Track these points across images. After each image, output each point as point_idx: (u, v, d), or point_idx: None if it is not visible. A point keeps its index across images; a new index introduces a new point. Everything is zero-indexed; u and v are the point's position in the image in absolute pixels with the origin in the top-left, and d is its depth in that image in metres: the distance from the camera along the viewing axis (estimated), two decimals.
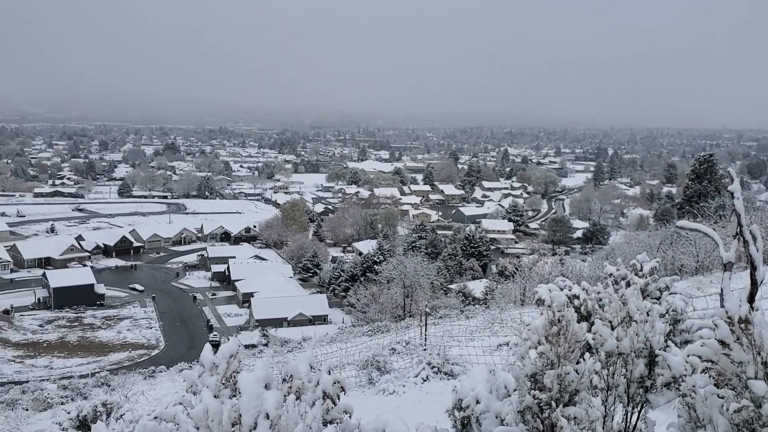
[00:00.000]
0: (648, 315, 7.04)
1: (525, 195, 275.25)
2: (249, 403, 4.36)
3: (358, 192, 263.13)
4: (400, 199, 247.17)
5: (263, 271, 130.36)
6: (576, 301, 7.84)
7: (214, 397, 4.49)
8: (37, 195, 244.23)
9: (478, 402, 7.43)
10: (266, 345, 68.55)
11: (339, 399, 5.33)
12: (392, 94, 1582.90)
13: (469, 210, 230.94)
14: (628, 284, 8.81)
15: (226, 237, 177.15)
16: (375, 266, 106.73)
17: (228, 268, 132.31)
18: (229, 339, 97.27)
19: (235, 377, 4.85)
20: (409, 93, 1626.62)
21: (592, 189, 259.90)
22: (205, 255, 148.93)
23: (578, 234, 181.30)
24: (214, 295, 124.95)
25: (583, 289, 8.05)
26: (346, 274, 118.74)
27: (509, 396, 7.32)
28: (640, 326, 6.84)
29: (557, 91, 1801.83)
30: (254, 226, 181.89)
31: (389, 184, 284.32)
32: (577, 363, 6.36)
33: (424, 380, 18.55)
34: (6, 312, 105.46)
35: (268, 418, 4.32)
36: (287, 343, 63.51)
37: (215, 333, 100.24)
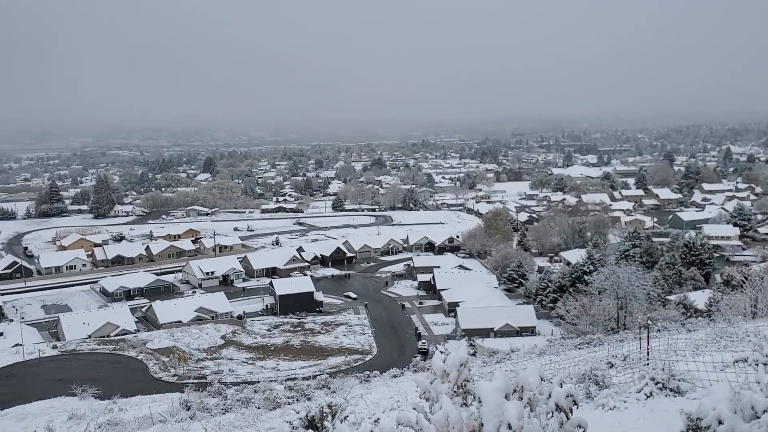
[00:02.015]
0: None
1: (752, 197, 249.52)
2: (490, 412, 4.39)
3: (564, 199, 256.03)
4: (610, 205, 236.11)
5: (468, 280, 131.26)
6: None
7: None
8: (263, 211, 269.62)
9: (720, 422, 6.81)
10: (473, 355, 68.81)
11: (572, 413, 5.19)
12: (598, 95, 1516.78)
13: (687, 215, 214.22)
14: None
15: (430, 247, 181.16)
16: (585, 276, 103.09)
17: (433, 277, 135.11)
18: (437, 347, 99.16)
19: (465, 385, 4.93)
20: (617, 93, 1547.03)
21: None
22: (411, 265, 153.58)
23: None
24: (420, 303, 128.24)
25: None
26: (553, 284, 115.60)
27: (758, 417, 6.64)
28: None
29: None
30: (457, 236, 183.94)
31: (598, 189, 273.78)
32: None
33: (648, 396, 17.34)
34: (240, 317, 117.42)
35: (510, 429, 4.31)
36: (495, 353, 63.34)
37: (423, 341, 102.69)
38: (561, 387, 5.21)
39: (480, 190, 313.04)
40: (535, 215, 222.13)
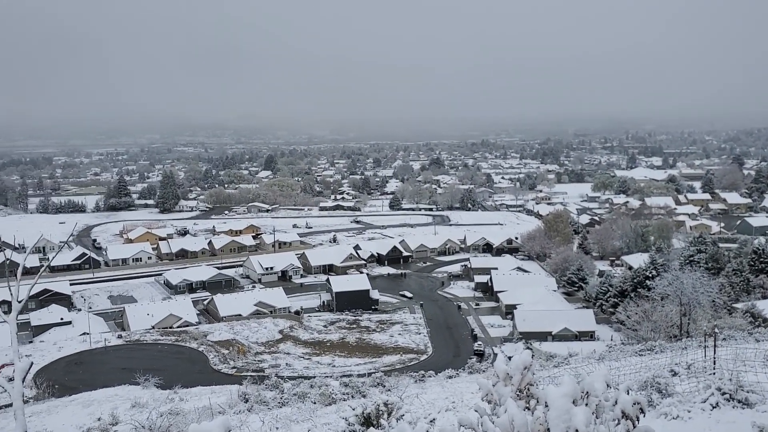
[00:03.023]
0: None
1: None
2: (558, 417, 4.33)
3: (627, 202, 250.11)
4: (675, 209, 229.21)
5: (526, 283, 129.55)
6: None
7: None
8: (321, 209, 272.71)
9: None
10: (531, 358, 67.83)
11: (638, 421, 5.06)
12: (664, 96, 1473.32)
13: (757, 220, 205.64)
14: None
15: (488, 248, 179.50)
16: (647, 281, 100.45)
17: (490, 279, 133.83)
18: (493, 349, 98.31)
19: (528, 389, 4.89)
20: (683, 93, 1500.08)
21: None
22: (468, 266, 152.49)
23: None
24: (477, 305, 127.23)
25: None
26: (614, 289, 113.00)
27: None
28: None
29: None
30: (516, 238, 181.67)
31: (662, 192, 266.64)
32: None
33: (714, 407, 16.77)
34: (297, 312, 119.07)
35: None
36: (552, 357, 62.27)
37: (479, 342, 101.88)
38: (628, 394, 5.11)
39: (540, 191, 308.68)
40: (596, 218, 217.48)
